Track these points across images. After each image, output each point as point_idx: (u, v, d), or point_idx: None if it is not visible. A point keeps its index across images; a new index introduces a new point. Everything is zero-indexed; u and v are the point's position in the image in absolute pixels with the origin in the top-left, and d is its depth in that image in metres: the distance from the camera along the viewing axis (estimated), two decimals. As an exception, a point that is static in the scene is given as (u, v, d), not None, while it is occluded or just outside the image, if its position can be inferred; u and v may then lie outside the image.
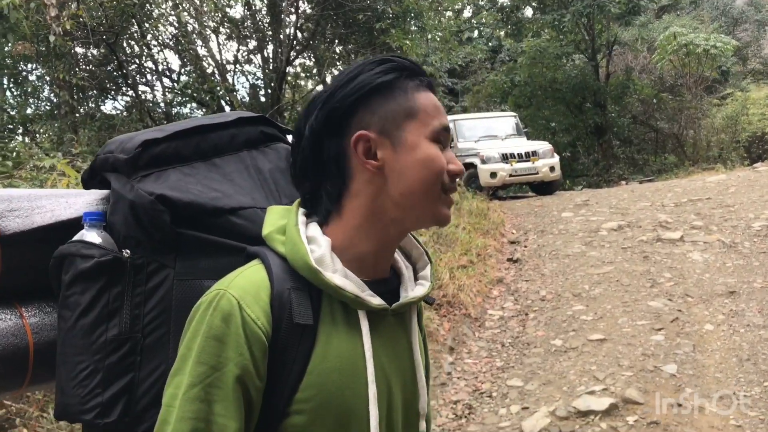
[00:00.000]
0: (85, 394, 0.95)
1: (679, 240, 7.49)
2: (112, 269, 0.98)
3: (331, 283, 0.94)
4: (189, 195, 1.01)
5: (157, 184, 1.01)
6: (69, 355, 0.97)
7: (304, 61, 16.93)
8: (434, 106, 1.00)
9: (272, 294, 0.92)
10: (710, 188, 10.40)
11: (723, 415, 3.98)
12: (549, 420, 4.14)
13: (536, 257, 7.79)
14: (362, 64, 1.00)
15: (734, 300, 5.72)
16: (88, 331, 0.96)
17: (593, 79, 20.57)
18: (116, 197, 1.02)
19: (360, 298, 0.96)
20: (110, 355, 0.96)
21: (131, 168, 1.02)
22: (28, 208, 1.04)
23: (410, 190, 0.97)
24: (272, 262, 0.95)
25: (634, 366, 4.65)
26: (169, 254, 1.01)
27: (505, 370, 5.13)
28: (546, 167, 12.84)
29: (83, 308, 0.96)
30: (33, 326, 1.05)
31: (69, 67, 10.81)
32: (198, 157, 1.09)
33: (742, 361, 4.66)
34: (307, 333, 0.93)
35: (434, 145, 0.98)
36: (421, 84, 1.01)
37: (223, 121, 1.16)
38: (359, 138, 0.97)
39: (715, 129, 18.54)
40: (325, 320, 0.96)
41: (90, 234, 1.01)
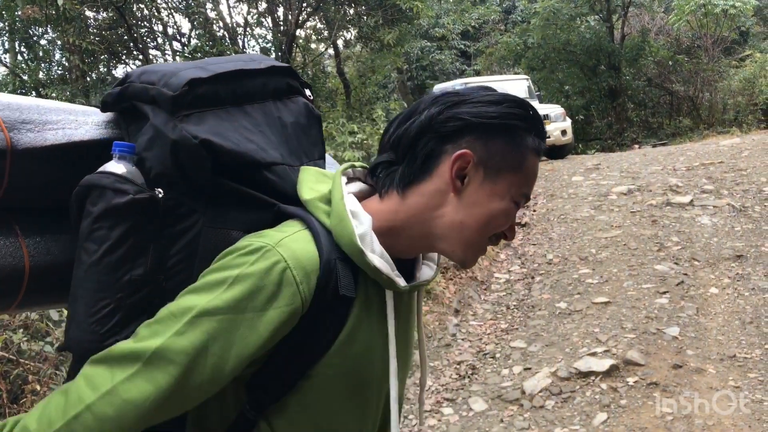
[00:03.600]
0: (104, 332, 0.94)
1: (688, 204, 7.46)
2: (145, 208, 0.95)
3: (371, 264, 0.98)
4: (230, 143, 0.99)
5: (199, 126, 0.98)
6: (90, 290, 0.94)
7: (314, 24, 16.78)
8: (534, 174, 1.04)
9: (321, 265, 0.95)
10: (723, 152, 10.30)
11: (722, 377, 4.03)
12: (550, 380, 4.21)
13: (545, 221, 7.79)
14: (508, 98, 1.03)
15: (741, 264, 5.72)
16: (114, 268, 0.94)
17: (608, 41, 20.21)
18: (155, 133, 0.98)
19: (393, 280, 1.01)
20: (133, 295, 0.95)
21: (176, 105, 0.97)
22: (39, 122, 0.98)
23: (465, 226, 1.01)
24: (320, 231, 0.98)
25: (637, 328, 4.70)
26: (200, 199, 1.00)
27: (509, 332, 5.20)
28: (557, 131, 12.75)
29: (111, 244, 0.93)
30: (30, 249, 1.01)
31: (79, 31, 10.80)
32: (232, 102, 1.06)
33: (744, 323, 4.68)
34: (346, 303, 0.98)
35: (513, 206, 1.02)
36: (537, 148, 1.04)
37: (257, 67, 1.13)
38: (463, 156, 0.99)
39: (731, 92, 18.23)
40: (360, 295, 1.00)
41: (120, 166, 0.96)
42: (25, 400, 3.23)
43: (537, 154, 1.03)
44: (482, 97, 1.01)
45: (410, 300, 1.15)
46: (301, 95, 1.21)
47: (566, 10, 19.68)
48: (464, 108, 1.00)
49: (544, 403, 4.03)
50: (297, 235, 0.96)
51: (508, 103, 1.01)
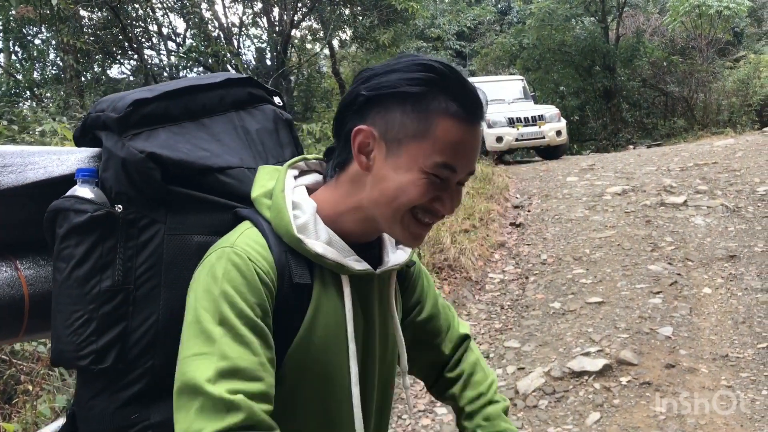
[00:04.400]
0: (80, 342, 0.99)
1: (682, 204, 7.48)
2: (105, 223, 1.01)
3: (312, 251, 1.00)
4: (178, 153, 1.04)
5: (147, 142, 1.03)
6: (64, 304, 1.01)
7: (310, 24, 16.78)
8: (450, 142, 0.97)
9: (273, 255, 0.99)
10: (717, 152, 10.34)
11: (714, 376, 4.05)
12: (543, 380, 4.22)
13: (539, 221, 7.81)
14: (407, 61, 1.00)
15: (734, 264, 5.74)
16: (82, 281, 1.00)
17: (603, 41, 20.27)
18: (108, 154, 1.05)
19: (342, 264, 1.03)
20: (104, 305, 1.00)
21: (122, 126, 1.04)
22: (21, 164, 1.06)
23: (378, 201, 1.01)
24: (265, 227, 1.02)
25: (631, 328, 4.71)
26: (159, 210, 1.04)
27: (504, 332, 5.21)
28: (552, 131, 12.78)
29: (77, 260, 1.00)
30: (28, 278, 1.09)
31: (73, 31, 10.78)
32: (187, 117, 1.12)
33: (737, 323, 4.70)
34: (304, 292, 1.01)
35: (426, 177, 0.97)
36: (451, 110, 0.97)
37: (211, 81, 1.18)
38: (359, 131, 1.01)
39: (726, 92, 18.29)
40: (317, 282, 1.03)
41: (83, 189, 1.04)
42: (17, 400, 3.23)
43: (454, 117, 0.97)
44: (388, 67, 1.01)
45: (383, 284, 1.14)
46: (269, 102, 1.25)
47: (561, 11, 19.73)
48: (370, 82, 1.01)
49: (537, 403, 4.03)
50: (246, 233, 1.01)
51: (410, 69, 0.98)
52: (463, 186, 1.04)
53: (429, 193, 0.98)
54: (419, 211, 1.00)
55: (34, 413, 3.11)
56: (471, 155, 1.00)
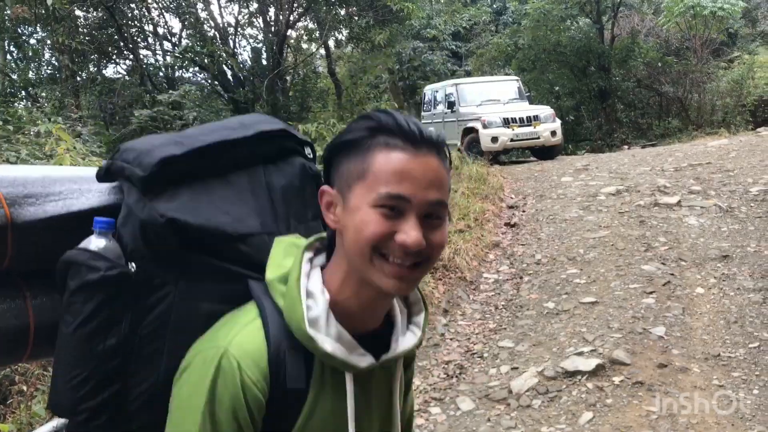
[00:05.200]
0: (76, 398, 0.99)
1: (676, 205, 7.52)
2: (117, 283, 0.99)
3: (321, 350, 0.98)
4: (199, 219, 1.01)
5: (169, 204, 1.00)
6: (67, 358, 1.00)
7: (305, 24, 16.79)
8: (391, 171, 0.94)
9: (269, 356, 0.97)
10: (711, 153, 10.39)
11: (706, 376, 4.08)
12: (537, 380, 4.25)
13: (534, 222, 7.84)
14: (356, 120, 1.01)
15: (727, 264, 5.78)
16: (87, 339, 0.98)
17: (597, 42, 20.33)
18: (128, 211, 1.02)
19: (348, 362, 1.01)
20: (104, 363, 0.99)
21: (146, 186, 1.01)
22: (42, 195, 1.05)
23: (349, 252, 0.99)
24: (270, 318, 1.00)
25: (624, 328, 4.74)
26: (173, 273, 1.02)
27: (498, 331, 5.23)
28: (547, 132, 12.82)
29: (84, 317, 0.98)
30: (35, 307, 1.08)
31: (69, 31, 10.77)
32: (213, 174, 1.08)
33: (729, 323, 4.74)
34: (298, 394, 1.00)
35: (376, 211, 0.94)
36: (388, 142, 0.96)
37: (244, 135, 1.12)
38: (322, 193, 1.02)
39: (720, 93, 18.36)
40: (316, 381, 1.01)
41: (98, 241, 1.01)
42: (12, 401, 3.23)
43: (391, 147, 0.95)
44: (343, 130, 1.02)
45: (388, 373, 1.12)
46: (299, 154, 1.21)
47: (556, 12, 19.78)
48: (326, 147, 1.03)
49: (530, 403, 4.06)
50: (249, 328, 0.99)
51: (353, 123, 1.00)
52: (439, 220, 0.99)
53: (383, 226, 0.94)
54: (384, 250, 0.96)
55: (28, 413, 3.12)
56: (422, 182, 0.95)
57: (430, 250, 0.97)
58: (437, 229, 0.98)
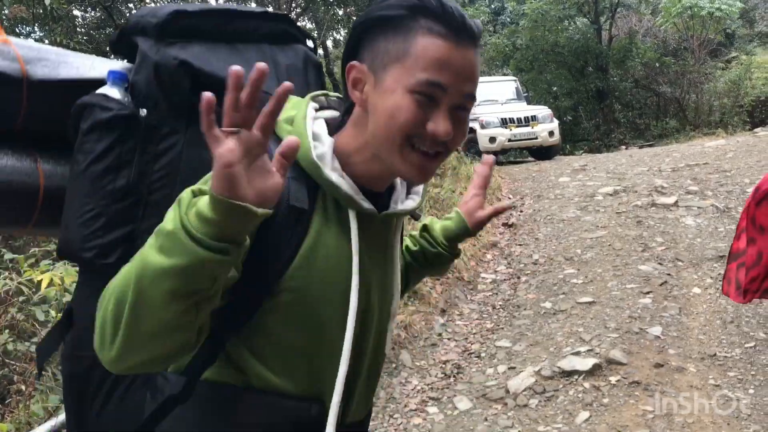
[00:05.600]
0: (87, 234, 1.02)
1: (673, 205, 7.54)
2: (127, 123, 1.03)
3: (328, 179, 0.99)
4: (210, 66, 1.06)
5: (182, 51, 1.05)
6: (77, 196, 1.03)
7: (303, 24, 16.80)
8: (434, 58, 0.93)
9: None
10: (708, 153, 10.41)
11: (703, 375, 4.10)
12: (534, 379, 4.26)
13: (531, 222, 7.85)
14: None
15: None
16: (98, 177, 1.02)
17: (595, 42, 20.36)
18: (142, 57, 1.07)
19: (353, 198, 1.01)
20: (115, 203, 1.03)
21: (160, 32, 1.06)
22: (55, 61, 1.12)
23: (375, 134, 0.98)
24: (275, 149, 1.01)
25: (621, 328, 4.75)
26: (181, 120, 1.06)
27: (495, 331, 5.25)
28: (545, 132, 12.84)
29: (96, 155, 1.02)
30: (45, 171, 1.14)
31: (66, 31, 10.77)
32: (221, 39, 1.13)
33: (725, 323, 4.75)
34: (302, 220, 0.99)
35: (412, 97, 0.94)
36: (431, 26, 0.94)
37: (249, 11, 1.19)
38: (351, 68, 1.00)
39: (717, 93, 18.40)
40: (319, 212, 1.01)
41: (112, 89, 1.07)
42: (10, 400, 3.24)
43: (434, 33, 0.94)
44: (375, 4, 1.01)
45: (387, 231, 1.14)
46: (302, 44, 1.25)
47: (554, 12, 19.82)
48: (360, 20, 1.02)
49: (527, 402, 4.07)
50: None
51: (386, 1, 0.99)
52: (465, 112, 1.00)
53: (417, 114, 0.94)
54: (415, 138, 0.96)
55: (27, 413, 3.13)
56: (460, 74, 0.95)
57: (452, 142, 0.99)
58: (463, 122, 1.00)
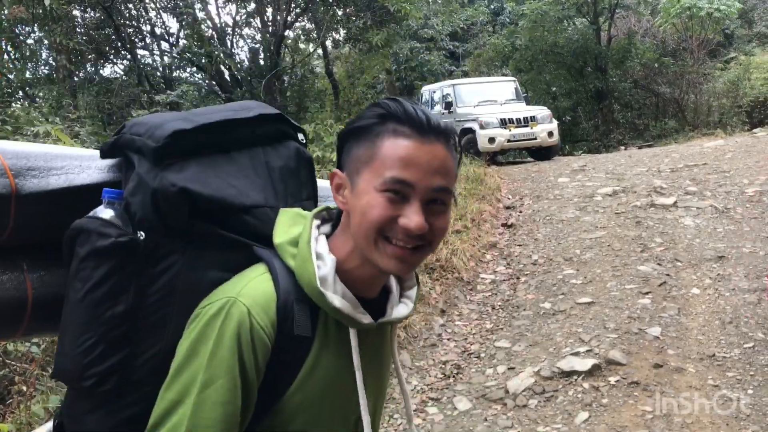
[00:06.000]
0: (86, 363, 1.01)
1: (672, 205, 7.55)
2: (126, 250, 1.02)
3: (331, 305, 1.03)
4: (208, 189, 1.06)
5: (179, 174, 1.04)
6: (75, 324, 1.02)
7: (303, 24, 16.80)
8: (397, 157, 0.99)
9: (278, 305, 1.01)
10: (707, 154, 10.43)
11: (701, 376, 4.11)
12: (533, 380, 4.27)
13: (530, 222, 7.87)
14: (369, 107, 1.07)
15: (722, 264, 5.81)
16: (96, 304, 1.01)
17: (595, 43, 20.36)
18: (139, 181, 1.05)
19: (354, 318, 1.05)
20: (114, 329, 1.02)
21: (158, 156, 1.04)
22: (44, 168, 1.08)
23: (355, 234, 1.04)
24: (279, 273, 1.04)
25: (620, 328, 4.77)
26: (180, 242, 1.05)
27: (494, 332, 5.26)
28: (544, 132, 12.85)
29: (94, 283, 1.01)
30: (34, 281, 1.10)
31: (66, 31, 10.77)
32: (218, 150, 1.13)
33: (724, 323, 4.77)
34: (304, 343, 1.04)
35: (381, 195, 0.99)
36: (397, 128, 1.01)
37: (246, 116, 1.19)
38: (332, 175, 1.08)
39: (716, 94, 18.40)
40: (320, 333, 1.06)
41: (107, 211, 1.04)
42: (11, 401, 3.25)
43: (399, 134, 1.00)
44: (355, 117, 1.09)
45: (381, 336, 1.19)
46: (293, 139, 1.26)
47: (554, 13, 19.82)
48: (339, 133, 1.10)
49: (527, 402, 4.08)
50: (258, 279, 1.03)
51: (362, 113, 1.06)
52: (443, 206, 1.04)
53: (387, 210, 0.99)
54: (388, 233, 1.01)
55: (28, 413, 3.13)
56: (427, 169, 1.00)
57: (432, 235, 1.02)
58: (440, 215, 1.04)
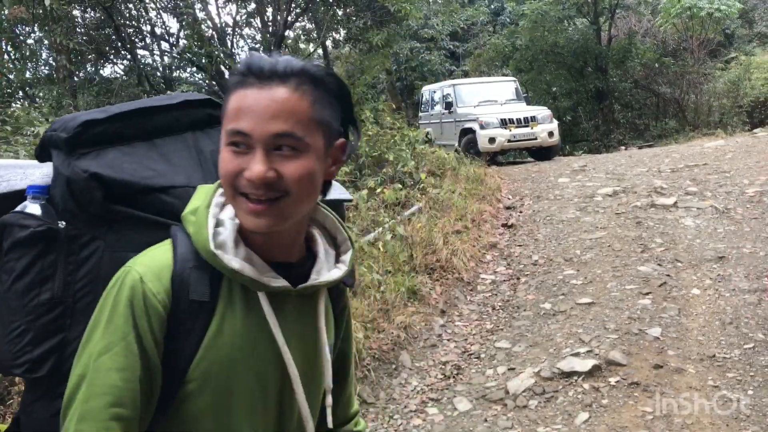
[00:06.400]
0: (16, 351, 1.03)
1: (672, 206, 7.55)
2: (46, 238, 1.05)
3: (228, 266, 1.01)
4: (122, 173, 1.08)
5: (94, 161, 1.07)
6: (4, 315, 1.05)
7: (303, 24, 16.80)
8: (235, 109, 0.98)
9: (174, 272, 1.01)
10: (708, 154, 10.43)
11: (702, 376, 4.10)
12: (533, 380, 4.27)
13: (531, 223, 7.86)
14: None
15: (722, 265, 5.80)
16: (22, 293, 1.04)
17: (595, 43, 20.38)
18: (56, 173, 1.10)
19: (258, 280, 1.03)
20: (42, 317, 1.04)
21: (70, 146, 1.08)
22: None
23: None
24: (180, 242, 1.04)
25: (620, 329, 4.76)
26: (101, 227, 1.08)
27: (494, 332, 5.25)
28: (544, 132, 12.85)
29: (18, 273, 1.04)
30: None
31: (66, 31, 10.76)
32: (139, 138, 1.15)
33: (724, 324, 4.76)
34: (205, 310, 1.02)
35: (227, 150, 0.98)
36: (240, 81, 0.99)
37: (167, 103, 1.22)
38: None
39: (717, 94, 18.42)
40: (224, 298, 1.04)
41: (31, 206, 1.08)
42: (12, 402, 3.25)
43: (235, 86, 0.99)
44: None
45: (309, 303, 1.13)
46: None
47: (554, 13, 19.83)
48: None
49: (527, 403, 4.08)
50: (158, 250, 1.04)
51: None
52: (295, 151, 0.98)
53: (232, 163, 0.97)
54: (241, 188, 0.98)
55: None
56: (262, 115, 0.96)
57: (286, 183, 0.97)
58: (291, 161, 0.97)
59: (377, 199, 7.35)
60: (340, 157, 1.08)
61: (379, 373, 4.57)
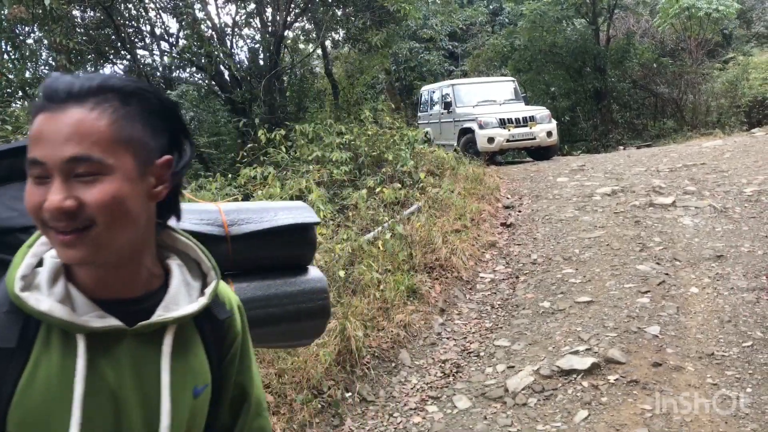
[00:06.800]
0: None
1: (671, 205, 7.58)
2: None
3: (35, 309, 0.94)
4: None
5: None
6: None
7: (302, 25, 16.80)
8: (32, 137, 0.91)
9: None
10: (706, 153, 10.46)
11: (700, 374, 4.13)
12: (533, 378, 4.29)
13: (530, 222, 7.89)
14: None
15: (721, 264, 5.83)
16: None
17: (593, 43, 20.40)
18: None
19: (72, 322, 0.95)
20: None
21: None
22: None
23: None
24: (1, 286, 0.99)
25: (619, 327, 4.78)
26: None
27: (494, 330, 5.27)
28: (543, 132, 12.88)
29: None
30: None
31: (66, 31, 10.76)
32: (17, 177, 1.11)
33: (723, 322, 4.78)
34: (17, 356, 0.95)
35: (29, 182, 0.92)
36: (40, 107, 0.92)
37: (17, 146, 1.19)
38: None
39: (715, 94, 18.46)
40: (39, 344, 0.97)
41: None
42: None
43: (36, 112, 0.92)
44: None
45: (158, 342, 1.03)
46: None
47: (552, 13, 19.85)
48: None
49: (526, 401, 4.10)
50: None
51: None
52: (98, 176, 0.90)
53: (34, 196, 0.91)
54: (45, 219, 0.91)
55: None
56: (54, 141, 0.89)
57: (89, 211, 0.90)
58: (92, 186, 0.90)
59: (376, 198, 7.37)
60: (166, 174, 0.98)
61: (379, 372, 4.59)
